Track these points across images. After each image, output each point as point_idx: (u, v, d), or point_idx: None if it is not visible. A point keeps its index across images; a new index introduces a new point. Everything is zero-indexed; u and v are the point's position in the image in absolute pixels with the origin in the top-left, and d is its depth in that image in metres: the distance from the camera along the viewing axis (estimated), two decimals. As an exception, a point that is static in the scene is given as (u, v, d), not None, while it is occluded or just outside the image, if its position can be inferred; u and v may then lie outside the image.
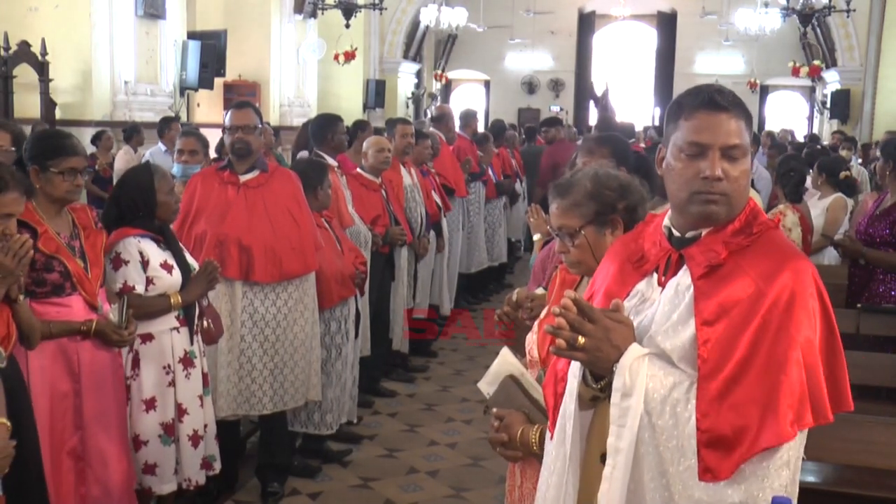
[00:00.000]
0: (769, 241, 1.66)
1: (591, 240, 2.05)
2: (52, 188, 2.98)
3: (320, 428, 4.43)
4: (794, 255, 1.65)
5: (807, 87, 21.00)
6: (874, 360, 4.11)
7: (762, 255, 1.63)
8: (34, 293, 2.94)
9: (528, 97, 22.69)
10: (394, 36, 18.44)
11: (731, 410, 1.53)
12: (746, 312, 1.57)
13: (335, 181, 4.96)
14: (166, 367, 3.35)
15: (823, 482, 3.44)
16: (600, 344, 1.61)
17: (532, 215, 3.65)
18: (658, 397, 1.58)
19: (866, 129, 16.17)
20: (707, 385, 1.55)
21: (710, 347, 1.57)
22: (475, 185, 7.96)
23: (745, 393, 1.53)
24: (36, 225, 2.93)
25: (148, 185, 3.31)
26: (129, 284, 3.25)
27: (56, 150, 3.00)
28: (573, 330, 1.60)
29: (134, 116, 9.66)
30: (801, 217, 4.92)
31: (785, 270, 1.59)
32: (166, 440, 3.36)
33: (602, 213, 2.05)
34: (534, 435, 1.97)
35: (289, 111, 14.15)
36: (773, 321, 1.55)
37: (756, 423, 1.52)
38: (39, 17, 9.34)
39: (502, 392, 2.05)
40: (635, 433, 1.58)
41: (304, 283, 4.03)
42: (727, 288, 1.60)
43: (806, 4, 14.62)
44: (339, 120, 5.37)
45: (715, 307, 1.59)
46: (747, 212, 1.68)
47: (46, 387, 2.95)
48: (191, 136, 4.95)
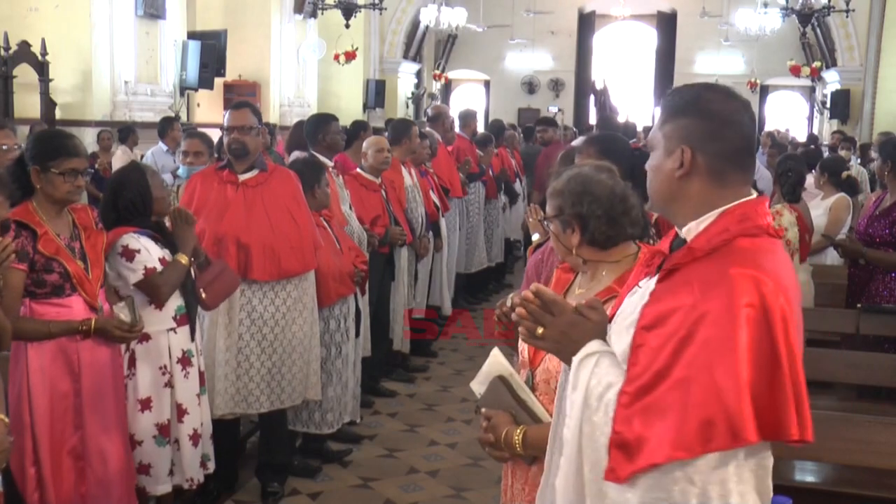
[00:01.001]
0: (733, 250, 1.57)
1: (556, 231, 2.14)
2: (52, 189, 2.97)
3: (321, 427, 4.43)
4: (744, 265, 1.53)
5: (807, 87, 21.00)
6: (874, 360, 4.11)
7: (715, 264, 1.56)
8: (34, 294, 2.94)
9: (528, 97, 22.68)
10: (394, 36, 18.44)
11: (638, 418, 1.52)
12: (679, 323, 1.52)
13: (331, 180, 4.96)
14: (162, 367, 3.36)
15: (823, 482, 3.45)
16: (560, 336, 1.69)
17: (531, 216, 3.64)
18: (595, 394, 1.61)
19: (866, 129, 16.17)
20: (626, 388, 1.55)
21: (640, 352, 1.55)
22: (475, 185, 7.96)
23: (654, 404, 1.51)
24: (36, 226, 2.93)
25: (143, 184, 3.34)
26: (150, 267, 3.28)
27: (57, 150, 2.99)
28: (534, 320, 1.68)
29: (134, 116, 9.67)
30: (799, 216, 4.91)
31: (723, 283, 1.51)
32: (161, 441, 3.36)
33: (562, 210, 2.11)
34: (517, 436, 1.98)
35: (289, 111, 14.15)
36: (696, 334, 1.49)
37: (656, 436, 1.49)
38: (39, 17, 9.34)
39: (491, 392, 2.07)
40: (578, 426, 1.62)
41: (303, 282, 4.03)
42: (673, 295, 1.56)
43: (806, 4, 14.63)
44: (332, 119, 5.33)
45: (656, 313, 1.57)
46: (724, 216, 1.61)
47: (46, 387, 2.96)
48: (195, 138, 4.93)
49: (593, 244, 2.10)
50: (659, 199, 1.72)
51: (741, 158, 1.65)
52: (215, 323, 3.86)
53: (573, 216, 2.09)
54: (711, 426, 1.47)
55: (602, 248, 2.10)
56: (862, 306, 4.52)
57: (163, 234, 3.42)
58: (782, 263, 1.60)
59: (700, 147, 1.63)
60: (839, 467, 3.44)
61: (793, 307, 1.55)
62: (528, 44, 21.78)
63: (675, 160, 1.64)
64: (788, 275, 1.59)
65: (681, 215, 1.68)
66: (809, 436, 1.52)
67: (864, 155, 11.84)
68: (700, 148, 1.63)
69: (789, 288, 1.56)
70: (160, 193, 3.38)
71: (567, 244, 2.12)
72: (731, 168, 1.63)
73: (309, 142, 5.22)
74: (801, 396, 1.52)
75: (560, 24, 22.02)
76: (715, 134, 1.62)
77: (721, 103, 1.64)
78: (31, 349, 2.95)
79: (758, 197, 1.66)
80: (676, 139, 1.65)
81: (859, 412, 3.73)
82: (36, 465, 2.95)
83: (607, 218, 2.07)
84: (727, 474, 1.53)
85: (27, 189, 2.98)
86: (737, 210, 1.62)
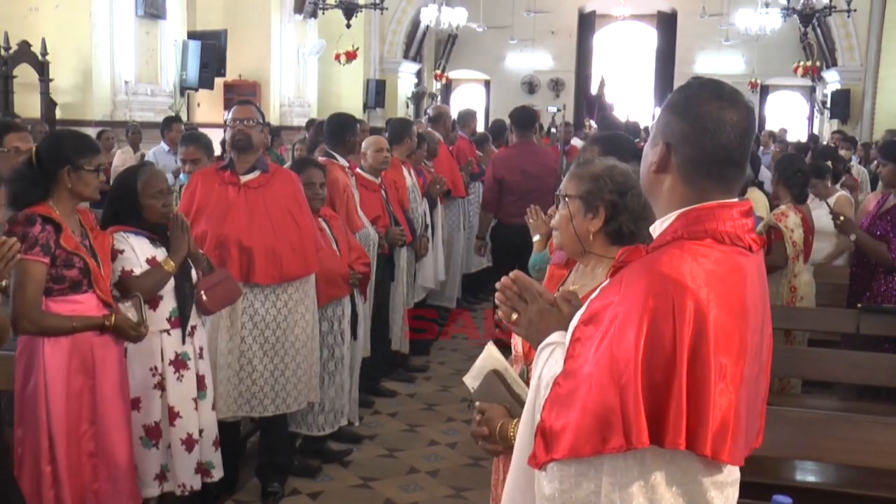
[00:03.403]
0: (665, 251, 1.53)
1: (574, 211, 2.15)
2: (83, 186, 3.03)
3: (312, 429, 4.42)
4: (664, 266, 1.48)
5: (807, 86, 20.99)
6: (874, 360, 4.11)
7: (642, 264, 1.53)
8: (50, 290, 2.97)
9: (529, 97, 22.66)
10: (394, 36, 18.44)
11: (555, 409, 1.53)
12: (604, 320, 1.51)
13: (346, 182, 4.95)
14: (153, 368, 3.35)
15: (823, 482, 3.45)
16: (530, 325, 1.83)
17: (531, 216, 3.64)
18: (544, 384, 1.66)
19: (866, 128, 16.19)
20: (558, 379, 1.56)
21: (577, 345, 1.55)
22: (474, 185, 7.96)
23: (567, 398, 1.52)
24: (59, 221, 2.98)
25: (131, 189, 3.33)
26: (128, 269, 3.27)
27: (87, 148, 3.08)
28: (510, 306, 1.84)
29: (134, 116, 9.67)
30: (804, 218, 4.90)
31: (638, 283, 1.48)
32: (147, 443, 3.34)
33: (592, 194, 2.13)
34: (513, 429, 1.98)
35: (289, 111, 14.15)
36: (608, 333, 1.48)
37: (564, 430, 1.50)
38: (39, 17, 9.35)
39: (485, 386, 2.07)
40: (531, 413, 1.67)
41: (305, 284, 4.02)
42: (608, 292, 1.56)
43: (806, 4, 14.62)
44: (357, 122, 5.39)
45: (593, 309, 1.57)
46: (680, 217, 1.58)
47: (64, 385, 2.98)
48: (191, 145, 4.83)
49: (610, 236, 2.13)
50: (644, 189, 1.72)
51: (716, 169, 1.57)
52: (217, 326, 3.85)
53: (607, 203, 2.12)
54: (608, 427, 1.45)
55: (613, 244, 2.11)
56: (862, 306, 4.52)
57: (160, 234, 3.40)
58: (717, 268, 1.51)
59: (676, 147, 1.59)
60: (839, 467, 3.44)
61: (724, 315, 1.47)
62: (529, 44, 21.77)
63: (655, 153, 1.63)
64: (726, 282, 1.51)
65: (657, 209, 1.67)
66: (707, 450, 1.44)
67: (866, 154, 11.85)
68: (676, 148, 1.59)
69: (723, 295, 1.48)
70: (149, 202, 3.31)
71: (581, 228, 2.14)
72: (701, 176, 1.57)
73: (330, 141, 5.18)
74: (700, 406, 1.44)
75: (560, 24, 22.02)
76: (692, 138, 1.57)
77: (710, 107, 1.56)
78: (48, 346, 2.95)
79: (729, 201, 1.58)
80: (660, 133, 1.63)
81: (859, 412, 3.73)
82: (52, 464, 2.96)
83: (639, 216, 2.11)
84: (633, 480, 1.49)
85: (43, 190, 3.00)
86: (692, 213, 1.57)
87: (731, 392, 1.47)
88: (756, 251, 1.60)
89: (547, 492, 1.57)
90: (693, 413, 1.45)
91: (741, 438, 1.51)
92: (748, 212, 1.61)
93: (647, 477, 1.49)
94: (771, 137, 13.64)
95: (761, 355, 1.61)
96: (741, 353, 1.50)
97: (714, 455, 1.46)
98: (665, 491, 1.50)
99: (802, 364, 4.21)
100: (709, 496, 1.53)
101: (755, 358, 1.56)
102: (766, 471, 3.29)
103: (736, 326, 1.50)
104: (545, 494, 1.58)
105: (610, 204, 2.12)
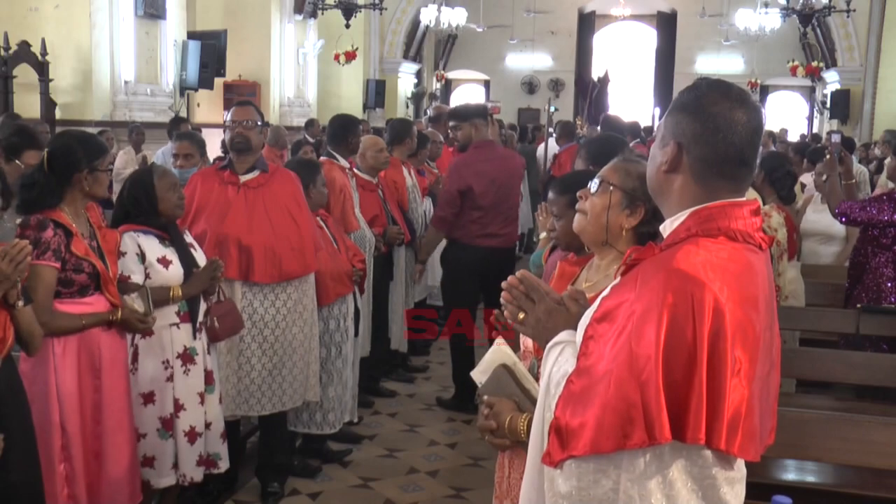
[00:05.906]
0: (681, 249, 1.54)
1: (613, 202, 2.10)
2: (98, 187, 3.09)
3: (322, 427, 4.42)
4: (682, 263, 1.50)
5: (807, 87, 21.01)
6: (874, 360, 4.11)
7: (659, 261, 1.54)
8: (58, 293, 2.99)
9: (528, 97, 22.68)
10: (394, 36, 18.46)
11: (571, 406, 1.53)
12: (621, 317, 1.52)
13: (343, 182, 4.95)
14: (165, 361, 3.39)
15: (823, 482, 3.45)
16: (538, 324, 1.80)
17: (542, 213, 3.65)
18: (554, 382, 1.65)
19: (866, 129, 16.19)
20: (572, 377, 1.56)
21: (591, 343, 1.56)
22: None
23: (584, 395, 1.52)
24: (69, 226, 3.00)
25: (148, 183, 3.38)
26: (125, 275, 3.29)
27: (99, 149, 3.13)
28: (516, 305, 1.80)
29: (134, 116, 9.66)
30: (787, 217, 4.83)
31: (655, 280, 1.49)
32: (164, 434, 3.39)
33: (637, 192, 2.08)
34: (522, 423, 1.98)
35: (289, 111, 14.15)
36: (626, 330, 1.49)
37: (582, 428, 1.50)
38: (39, 17, 9.34)
39: (494, 381, 2.07)
40: (541, 412, 1.67)
41: (304, 283, 4.03)
42: (623, 290, 1.56)
43: (806, 4, 14.64)
44: (359, 122, 5.40)
45: (607, 306, 1.57)
46: (692, 216, 1.60)
47: (76, 384, 3.00)
48: (184, 140, 4.91)
49: (639, 237, 2.09)
50: (650, 189, 1.72)
51: (727, 168, 1.59)
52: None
53: (650, 206, 2.05)
54: (630, 423, 1.46)
55: (642, 243, 2.10)
56: (862, 306, 4.51)
57: (171, 234, 3.44)
58: (734, 266, 1.53)
59: (687, 146, 1.60)
60: (839, 467, 3.44)
61: (740, 311, 1.49)
62: (528, 44, 21.79)
63: (665, 154, 1.63)
64: (741, 278, 1.53)
65: (666, 209, 1.67)
66: (722, 444, 1.47)
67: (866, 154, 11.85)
68: (687, 147, 1.61)
69: (738, 291, 1.50)
70: (165, 195, 3.38)
71: (615, 220, 2.10)
72: (713, 175, 1.59)
73: (333, 142, 5.19)
74: (717, 401, 1.46)
75: (560, 24, 22.04)
76: (704, 138, 1.58)
77: (721, 107, 1.58)
78: (58, 345, 2.98)
79: (739, 200, 1.61)
80: (670, 133, 1.63)
81: (859, 412, 3.73)
82: (66, 462, 2.98)
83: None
84: (651, 476, 1.51)
85: (58, 196, 3.02)
86: (704, 211, 1.59)
87: (745, 387, 1.50)
88: (765, 249, 1.63)
89: (563, 489, 1.56)
90: (710, 408, 1.47)
91: (754, 433, 1.53)
92: (757, 210, 1.63)
93: (665, 473, 1.51)
94: (770, 138, 13.64)
95: (772, 352, 1.63)
96: (755, 348, 1.53)
97: (727, 448, 1.48)
98: (682, 487, 1.52)
99: (802, 364, 4.21)
100: (721, 492, 1.55)
101: (766, 354, 1.58)
102: (766, 471, 3.30)
103: (750, 322, 1.52)
104: (561, 492, 1.57)
105: (652, 209, 2.05)
